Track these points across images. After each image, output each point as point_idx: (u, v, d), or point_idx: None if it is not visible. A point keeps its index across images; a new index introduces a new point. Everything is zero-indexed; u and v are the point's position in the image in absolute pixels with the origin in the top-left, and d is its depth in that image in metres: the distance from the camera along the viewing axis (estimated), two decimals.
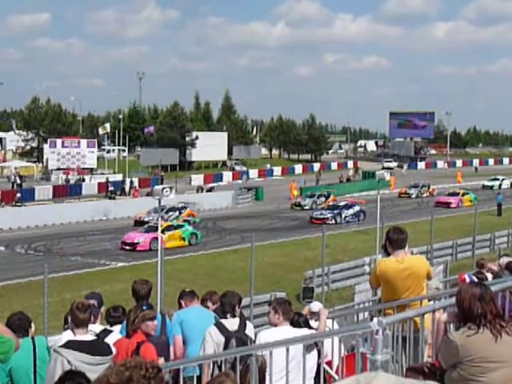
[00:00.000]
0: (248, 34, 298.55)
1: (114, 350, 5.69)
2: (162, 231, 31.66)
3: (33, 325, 6.39)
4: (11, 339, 5.06)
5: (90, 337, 5.71)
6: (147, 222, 37.82)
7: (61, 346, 5.48)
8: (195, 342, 7.13)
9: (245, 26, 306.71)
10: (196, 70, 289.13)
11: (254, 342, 6.66)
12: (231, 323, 6.98)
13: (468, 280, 8.05)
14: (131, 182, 60.21)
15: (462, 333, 4.16)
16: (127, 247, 33.35)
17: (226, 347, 6.53)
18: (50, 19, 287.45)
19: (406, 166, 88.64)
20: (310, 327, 7.18)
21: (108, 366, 2.73)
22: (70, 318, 5.93)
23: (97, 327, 7.05)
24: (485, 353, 3.98)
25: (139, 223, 39.58)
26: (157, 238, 33.00)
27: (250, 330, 7.12)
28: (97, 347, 5.53)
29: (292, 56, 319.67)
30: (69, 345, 5.47)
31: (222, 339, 6.71)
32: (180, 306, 7.81)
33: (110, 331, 6.93)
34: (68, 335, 5.87)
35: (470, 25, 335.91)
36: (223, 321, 7.00)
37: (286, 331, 6.23)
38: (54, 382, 4.22)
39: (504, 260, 9.94)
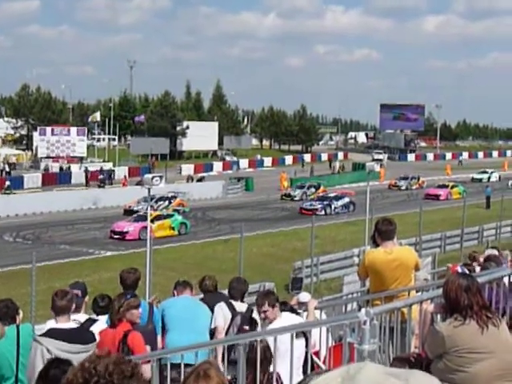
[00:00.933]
0: (239, 24, 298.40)
1: (97, 338, 5.67)
2: (152, 220, 31.62)
3: (20, 312, 6.36)
4: None
5: (71, 325, 5.66)
6: (137, 212, 37.80)
7: (41, 335, 5.45)
8: (174, 331, 7.20)
9: (236, 16, 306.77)
10: (187, 60, 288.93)
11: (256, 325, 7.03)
12: (239, 306, 7.46)
13: (460, 271, 8.09)
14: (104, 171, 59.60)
15: (448, 324, 4.17)
16: (116, 236, 33.30)
17: (231, 323, 6.90)
18: (40, 6, 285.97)
19: (385, 158, 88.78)
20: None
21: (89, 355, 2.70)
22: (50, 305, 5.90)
23: (81, 316, 7.03)
24: (471, 344, 3.99)
25: (128, 212, 39.55)
26: (146, 228, 33.10)
27: (256, 316, 7.27)
28: (78, 335, 5.48)
29: (283, 47, 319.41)
30: (49, 333, 5.43)
31: (229, 315, 7.09)
32: (174, 294, 7.85)
33: (95, 320, 6.90)
34: (51, 323, 5.86)
35: (460, 18, 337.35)
36: (234, 303, 7.45)
37: (288, 319, 6.30)
38: (40, 370, 4.21)
39: (488, 252, 10.01)
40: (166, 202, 41.60)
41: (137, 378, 2.40)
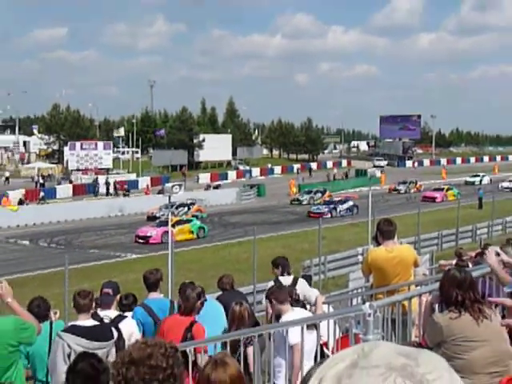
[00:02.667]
0: (249, 45, 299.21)
1: (115, 335, 5.63)
2: (173, 225, 31.66)
3: (57, 311, 6.34)
4: (33, 325, 5.07)
5: (91, 322, 5.62)
6: (159, 217, 37.89)
7: (63, 331, 5.45)
8: None
9: (246, 38, 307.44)
10: (202, 78, 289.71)
11: (298, 297, 7.65)
12: (286, 280, 8.23)
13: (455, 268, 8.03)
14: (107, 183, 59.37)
15: (445, 315, 4.17)
16: (141, 240, 33.37)
17: None
18: (67, 32, 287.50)
19: (385, 164, 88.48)
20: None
21: (133, 342, 2.79)
22: (72, 305, 5.90)
23: (112, 313, 7.04)
24: (466, 333, 3.98)
25: (151, 218, 39.66)
26: (167, 232, 33.14)
27: (299, 284, 8.29)
28: (96, 333, 5.44)
29: (290, 65, 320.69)
30: (70, 329, 5.43)
31: None
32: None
33: (125, 316, 6.92)
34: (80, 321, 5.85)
35: (450, 35, 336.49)
36: (281, 278, 8.31)
37: (298, 314, 6.30)
38: (70, 363, 4.22)
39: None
40: (186, 209, 41.64)
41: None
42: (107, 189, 57.41)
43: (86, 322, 5.58)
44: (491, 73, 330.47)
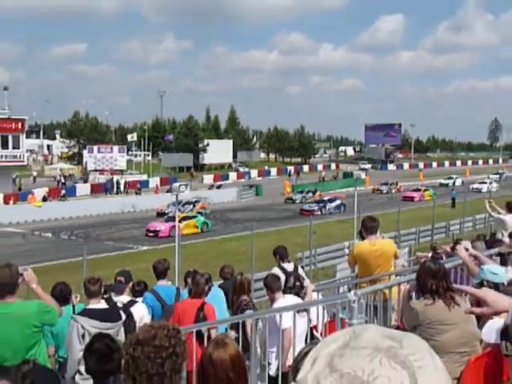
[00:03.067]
0: (248, 60, 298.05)
1: (123, 317, 5.63)
2: (180, 221, 31.63)
3: (78, 295, 6.34)
4: (55, 308, 5.08)
5: (102, 306, 5.60)
6: (167, 214, 37.87)
7: (77, 314, 5.45)
8: None
9: (246, 54, 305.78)
10: (206, 90, 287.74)
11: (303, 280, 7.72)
12: (289, 266, 8.45)
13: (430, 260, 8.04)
14: (118, 183, 59.21)
15: (421, 302, 4.19)
16: (151, 234, 33.33)
17: (286, 282, 7.30)
18: (86, 48, 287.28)
19: (369, 167, 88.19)
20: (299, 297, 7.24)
21: (141, 325, 2.83)
22: (84, 291, 5.88)
23: (124, 298, 7.04)
24: (439, 317, 4.00)
25: (161, 214, 39.62)
26: (175, 227, 33.13)
27: (301, 271, 8.52)
28: (107, 315, 5.43)
29: (285, 78, 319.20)
30: (84, 312, 5.43)
31: (283, 276, 7.41)
32: (186, 283, 7.80)
33: (136, 301, 6.92)
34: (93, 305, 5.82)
35: (427, 53, 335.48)
36: (284, 265, 8.42)
37: (290, 300, 6.30)
38: (86, 343, 4.22)
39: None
40: (191, 206, 41.60)
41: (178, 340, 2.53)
42: (117, 188, 57.36)
43: (97, 305, 5.57)
44: (463, 87, 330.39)
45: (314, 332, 6.22)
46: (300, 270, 8.62)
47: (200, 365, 2.87)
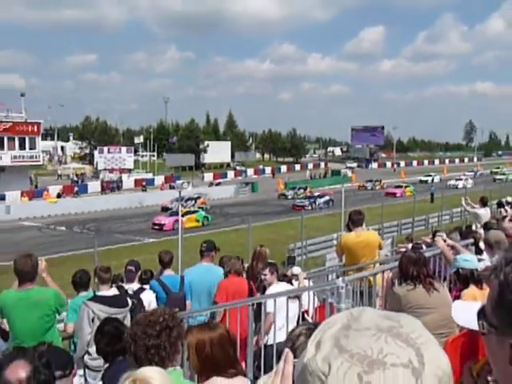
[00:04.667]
0: (243, 69, 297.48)
1: (129, 302, 5.62)
2: (182, 215, 31.64)
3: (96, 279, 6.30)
4: (64, 295, 5.21)
5: (111, 292, 5.57)
6: (171, 209, 37.81)
7: (88, 299, 5.44)
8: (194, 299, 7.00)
9: (241, 63, 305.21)
10: (206, 96, 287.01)
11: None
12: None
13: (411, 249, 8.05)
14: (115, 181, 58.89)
15: (403, 287, 4.19)
16: (156, 227, 33.30)
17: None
18: (96, 58, 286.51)
19: (355, 166, 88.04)
20: (291, 284, 7.23)
21: (156, 308, 2.90)
22: (96, 278, 5.83)
23: (135, 286, 7.03)
24: (420, 302, 4.00)
25: (165, 209, 39.55)
26: (178, 221, 33.13)
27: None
28: (116, 301, 5.40)
29: (277, 84, 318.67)
30: (94, 299, 5.42)
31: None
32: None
33: (144, 289, 6.92)
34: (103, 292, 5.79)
35: (407, 62, 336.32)
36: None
37: (282, 287, 6.29)
38: (97, 327, 4.22)
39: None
40: (193, 201, 41.51)
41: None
42: (102, 186, 56.02)
43: (107, 292, 5.56)
44: (440, 92, 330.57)
45: (306, 316, 6.22)
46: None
47: (198, 346, 2.87)
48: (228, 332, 2.98)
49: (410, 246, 9.48)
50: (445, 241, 5.40)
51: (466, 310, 1.22)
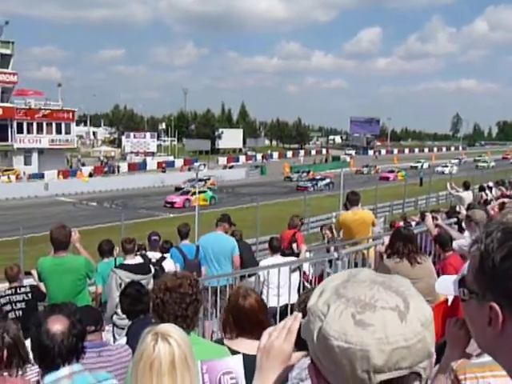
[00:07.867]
0: (254, 64, 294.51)
1: (152, 270, 5.66)
2: (192, 194, 31.84)
3: (117, 248, 6.37)
4: (93, 262, 5.28)
5: (136, 261, 5.61)
6: (183, 188, 37.89)
7: (116, 267, 5.50)
8: (211, 264, 6.91)
9: (252, 59, 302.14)
10: (221, 87, 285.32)
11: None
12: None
13: (401, 227, 8.04)
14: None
15: (391, 260, 4.20)
16: (168, 205, 33.40)
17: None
18: (123, 53, 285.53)
19: (353, 153, 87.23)
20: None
21: (166, 273, 2.87)
22: (121, 249, 5.86)
23: (157, 254, 7.10)
24: (406, 273, 4.00)
25: (178, 189, 39.53)
26: (188, 199, 33.33)
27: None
28: (140, 269, 5.46)
29: (284, 78, 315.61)
30: (121, 266, 5.48)
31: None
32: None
33: (165, 257, 6.98)
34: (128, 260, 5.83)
35: (400, 59, 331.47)
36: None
37: (277, 259, 6.29)
38: (121, 290, 4.28)
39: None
40: (203, 182, 41.35)
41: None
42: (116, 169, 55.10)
43: (132, 260, 5.62)
44: (430, 87, 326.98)
45: (306, 283, 6.26)
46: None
47: (232, 313, 2.86)
48: (261, 300, 2.97)
49: (401, 223, 9.48)
50: (436, 219, 5.44)
51: (446, 281, 1.27)
